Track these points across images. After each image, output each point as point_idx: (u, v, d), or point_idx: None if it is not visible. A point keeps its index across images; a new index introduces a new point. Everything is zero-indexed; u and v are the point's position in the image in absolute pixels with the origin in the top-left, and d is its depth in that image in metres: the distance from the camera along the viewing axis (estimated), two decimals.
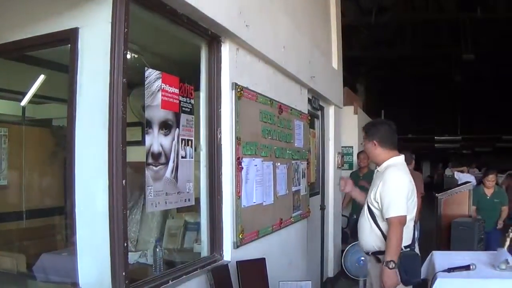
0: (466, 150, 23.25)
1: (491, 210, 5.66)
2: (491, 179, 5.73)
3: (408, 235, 2.88)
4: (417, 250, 3.05)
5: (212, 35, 2.99)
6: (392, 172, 2.93)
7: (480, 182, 6.55)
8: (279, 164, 3.94)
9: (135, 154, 2.70)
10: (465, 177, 10.68)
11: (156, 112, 2.45)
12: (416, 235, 3.05)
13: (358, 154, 7.12)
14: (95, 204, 2.15)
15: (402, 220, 2.79)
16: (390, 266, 2.75)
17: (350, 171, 7.30)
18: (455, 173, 11.07)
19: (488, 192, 5.78)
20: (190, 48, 3.11)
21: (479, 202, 5.70)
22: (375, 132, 3.04)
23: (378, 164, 3.09)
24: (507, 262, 3.48)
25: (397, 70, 15.10)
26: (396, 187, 2.86)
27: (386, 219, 2.84)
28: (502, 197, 5.83)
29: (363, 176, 6.36)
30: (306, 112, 4.84)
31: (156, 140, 2.43)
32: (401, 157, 3.04)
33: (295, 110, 4.42)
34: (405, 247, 2.85)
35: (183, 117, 2.67)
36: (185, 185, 2.68)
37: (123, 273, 2.09)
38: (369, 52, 12.88)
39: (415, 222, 3.08)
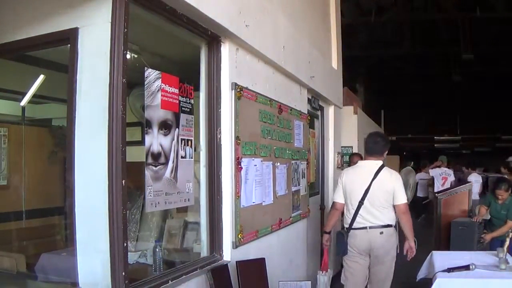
0: (465, 150, 23.25)
1: (498, 219, 5.12)
2: (497, 193, 5.06)
3: (347, 219, 3.73)
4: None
5: (212, 35, 2.99)
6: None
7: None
8: (278, 164, 3.94)
9: (135, 154, 2.70)
10: (421, 176, 11.27)
11: (156, 112, 2.45)
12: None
13: (350, 156, 6.74)
14: (95, 204, 2.15)
15: (334, 205, 3.88)
16: (322, 233, 4.10)
17: None
18: None
19: (500, 201, 5.09)
20: (190, 48, 3.10)
21: (491, 206, 5.23)
22: None
23: None
24: (507, 262, 3.49)
25: (397, 70, 15.12)
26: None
27: None
28: (510, 210, 5.00)
29: None
30: (306, 112, 4.84)
31: (155, 140, 2.43)
32: (365, 162, 3.86)
33: (294, 110, 4.42)
34: (344, 227, 3.75)
35: (183, 117, 2.67)
36: (185, 185, 2.68)
37: (123, 273, 2.09)
38: (368, 52, 12.89)
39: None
